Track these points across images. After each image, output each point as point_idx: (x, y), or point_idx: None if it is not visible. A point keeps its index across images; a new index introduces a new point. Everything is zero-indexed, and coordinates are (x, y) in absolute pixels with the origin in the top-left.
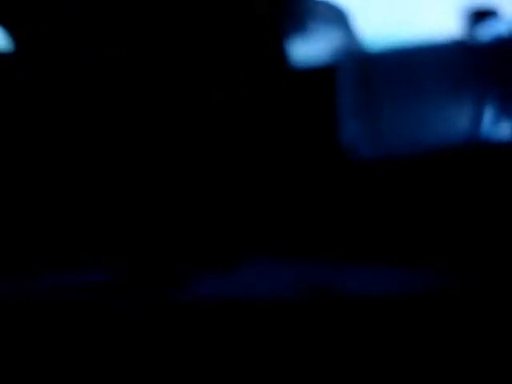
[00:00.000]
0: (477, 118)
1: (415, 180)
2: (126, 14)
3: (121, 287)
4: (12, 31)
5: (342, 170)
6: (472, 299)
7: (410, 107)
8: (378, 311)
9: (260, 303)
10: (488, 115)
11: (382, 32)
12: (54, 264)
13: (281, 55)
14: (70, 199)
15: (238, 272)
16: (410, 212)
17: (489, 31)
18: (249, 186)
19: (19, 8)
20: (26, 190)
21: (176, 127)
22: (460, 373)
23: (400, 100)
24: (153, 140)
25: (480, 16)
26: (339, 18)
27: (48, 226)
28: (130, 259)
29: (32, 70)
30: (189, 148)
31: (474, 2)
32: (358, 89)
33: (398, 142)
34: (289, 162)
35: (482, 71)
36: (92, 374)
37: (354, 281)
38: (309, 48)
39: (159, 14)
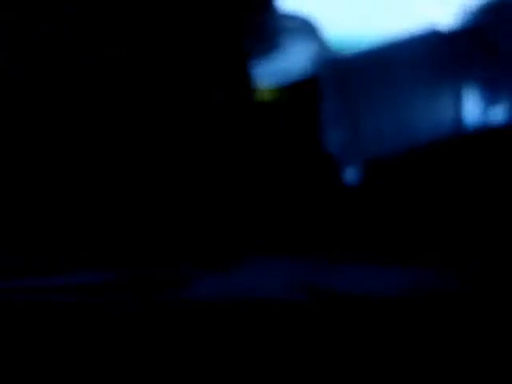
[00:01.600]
0: (464, 107)
1: (408, 178)
2: (125, 13)
3: (121, 287)
4: (11, 30)
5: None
6: (471, 299)
7: (393, 106)
8: (377, 311)
9: (260, 303)
10: (475, 102)
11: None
12: (54, 264)
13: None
14: (69, 199)
15: (237, 272)
16: (405, 210)
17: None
18: (247, 187)
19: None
20: (25, 190)
21: (175, 127)
22: (460, 373)
23: (382, 100)
24: (152, 140)
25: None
26: (309, 29)
27: (48, 226)
28: (130, 259)
29: (31, 70)
30: (188, 148)
31: None
32: (337, 96)
33: (384, 143)
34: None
35: (463, 58)
36: (92, 374)
37: (353, 281)
38: (279, 64)
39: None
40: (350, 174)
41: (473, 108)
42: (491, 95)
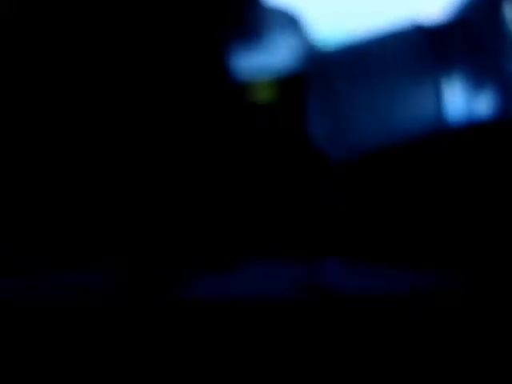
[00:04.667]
0: (447, 101)
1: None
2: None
3: (121, 287)
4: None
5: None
6: (470, 300)
7: (377, 100)
8: (377, 311)
9: (260, 303)
10: (459, 96)
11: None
12: (54, 264)
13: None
14: (69, 199)
15: (238, 272)
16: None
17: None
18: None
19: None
20: (25, 190)
21: (174, 128)
22: (460, 373)
23: (365, 95)
24: (152, 140)
25: None
26: (291, 23)
27: (48, 226)
28: (130, 259)
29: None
30: (188, 149)
31: None
32: (321, 91)
33: (371, 138)
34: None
35: (445, 53)
36: (92, 373)
37: (354, 281)
38: (262, 58)
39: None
40: (339, 169)
41: (456, 102)
42: (475, 89)
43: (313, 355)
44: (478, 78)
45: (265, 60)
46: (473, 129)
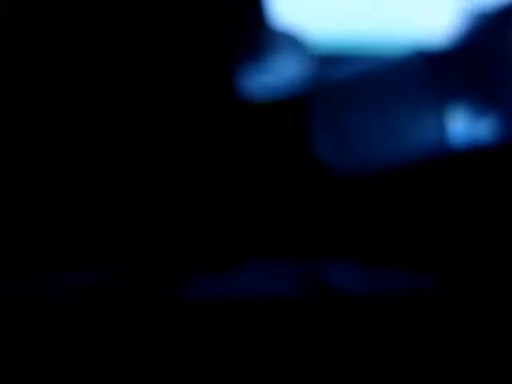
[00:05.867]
0: (450, 127)
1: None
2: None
3: (121, 287)
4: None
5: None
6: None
7: (379, 125)
8: (377, 311)
9: (260, 303)
10: (462, 123)
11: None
12: (54, 264)
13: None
14: (69, 199)
15: (238, 272)
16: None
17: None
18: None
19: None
20: (25, 191)
21: (174, 128)
22: (459, 373)
23: (368, 119)
24: (152, 140)
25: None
26: (297, 47)
27: (48, 226)
28: (130, 259)
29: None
30: (188, 149)
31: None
32: (324, 114)
33: (372, 161)
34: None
35: (449, 80)
36: (92, 373)
37: (353, 281)
38: (267, 80)
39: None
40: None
41: (458, 127)
42: (477, 115)
43: (314, 355)
44: (480, 104)
45: (270, 81)
46: (474, 153)
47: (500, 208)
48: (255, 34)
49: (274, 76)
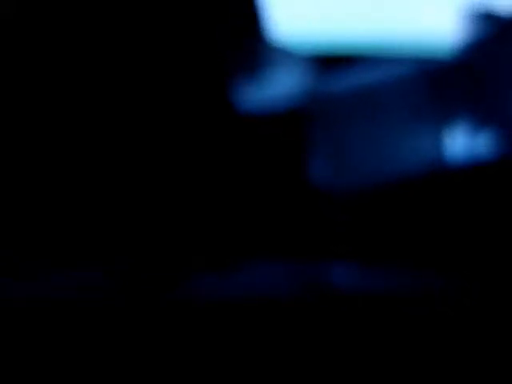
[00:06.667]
0: (450, 142)
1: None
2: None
3: (120, 287)
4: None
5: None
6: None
7: (378, 141)
8: (377, 311)
9: (260, 303)
10: (460, 137)
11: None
12: (54, 264)
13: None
14: (69, 200)
15: (237, 272)
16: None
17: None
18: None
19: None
20: (25, 191)
21: (173, 128)
22: (459, 373)
23: (366, 135)
24: (151, 140)
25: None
26: (294, 61)
27: (47, 226)
28: (129, 259)
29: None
30: (187, 154)
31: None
32: (321, 130)
33: (370, 177)
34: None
35: (448, 95)
36: (92, 373)
37: (353, 281)
38: (265, 94)
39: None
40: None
41: (458, 143)
42: (476, 131)
43: (314, 355)
44: (479, 120)
45: (267, 95)
46: (474, 169)
47: (497, 217)
48: (253, 47)
49: (272, 89)
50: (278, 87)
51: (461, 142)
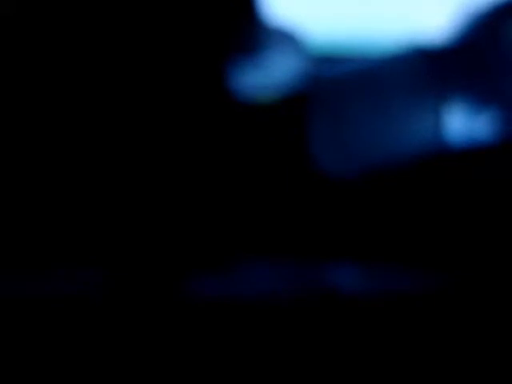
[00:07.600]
0: (449, 123)
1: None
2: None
3: (120, 287)
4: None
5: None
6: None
7: (377, 122)
8: (377, 311)
9: (259, 303)
10: (459, 118)
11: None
12: (54, 263)
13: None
14: (68, 199)
15: (236, 272)
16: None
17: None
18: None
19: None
20: (25, 191)
21: (171, 128)
22: (459, 373)
23: (366, 117)
24: (149, 141)
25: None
26: (294, 45)
27: (47, 226)
28: (129, 259)
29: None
30: (185, 149)
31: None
32: (323, 113)
33: (371, 158)
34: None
35: (447, 76)
36: (92, 373)
37: (354, 281)
38: (264, 79)
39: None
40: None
41: (457, 124)
42: (475, 111)
43: (314, 355)
44: (478, 100)
45: (268, 80)
46: (473, 150)
47: (499, 206)
48: (252, 32)
49: (272, 75)
50: (277, 72)
51: (460, 124)
